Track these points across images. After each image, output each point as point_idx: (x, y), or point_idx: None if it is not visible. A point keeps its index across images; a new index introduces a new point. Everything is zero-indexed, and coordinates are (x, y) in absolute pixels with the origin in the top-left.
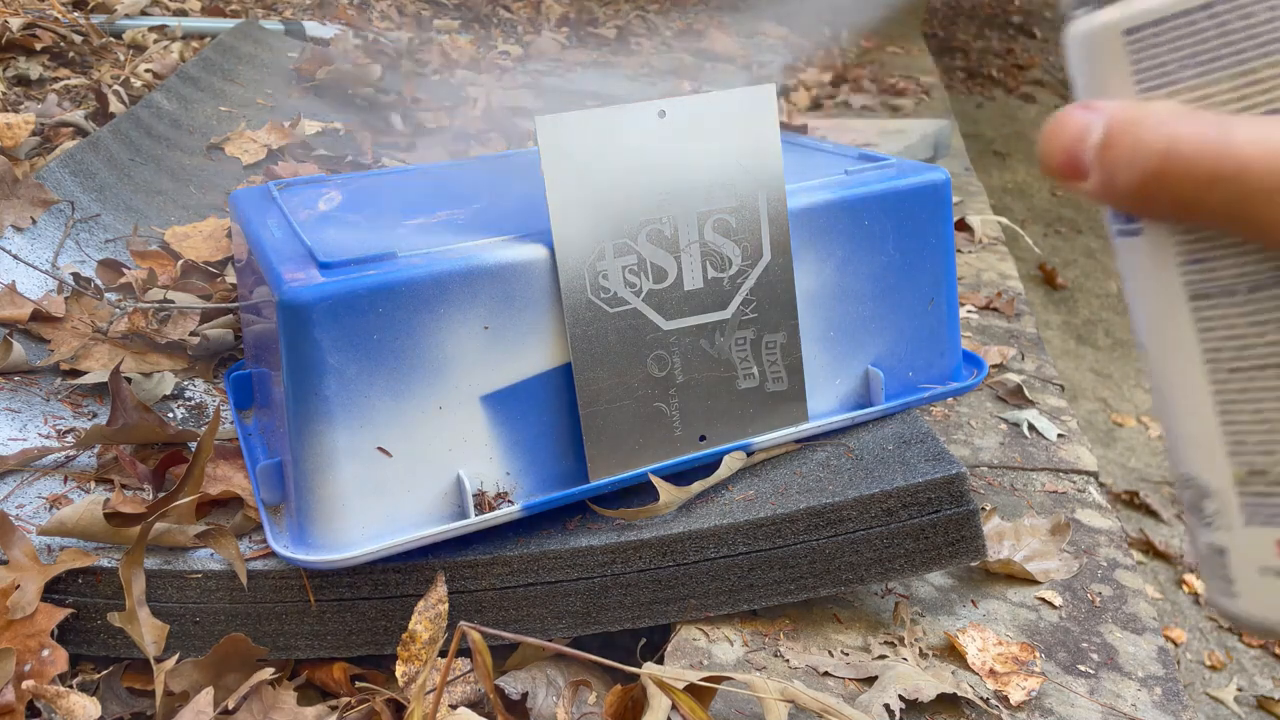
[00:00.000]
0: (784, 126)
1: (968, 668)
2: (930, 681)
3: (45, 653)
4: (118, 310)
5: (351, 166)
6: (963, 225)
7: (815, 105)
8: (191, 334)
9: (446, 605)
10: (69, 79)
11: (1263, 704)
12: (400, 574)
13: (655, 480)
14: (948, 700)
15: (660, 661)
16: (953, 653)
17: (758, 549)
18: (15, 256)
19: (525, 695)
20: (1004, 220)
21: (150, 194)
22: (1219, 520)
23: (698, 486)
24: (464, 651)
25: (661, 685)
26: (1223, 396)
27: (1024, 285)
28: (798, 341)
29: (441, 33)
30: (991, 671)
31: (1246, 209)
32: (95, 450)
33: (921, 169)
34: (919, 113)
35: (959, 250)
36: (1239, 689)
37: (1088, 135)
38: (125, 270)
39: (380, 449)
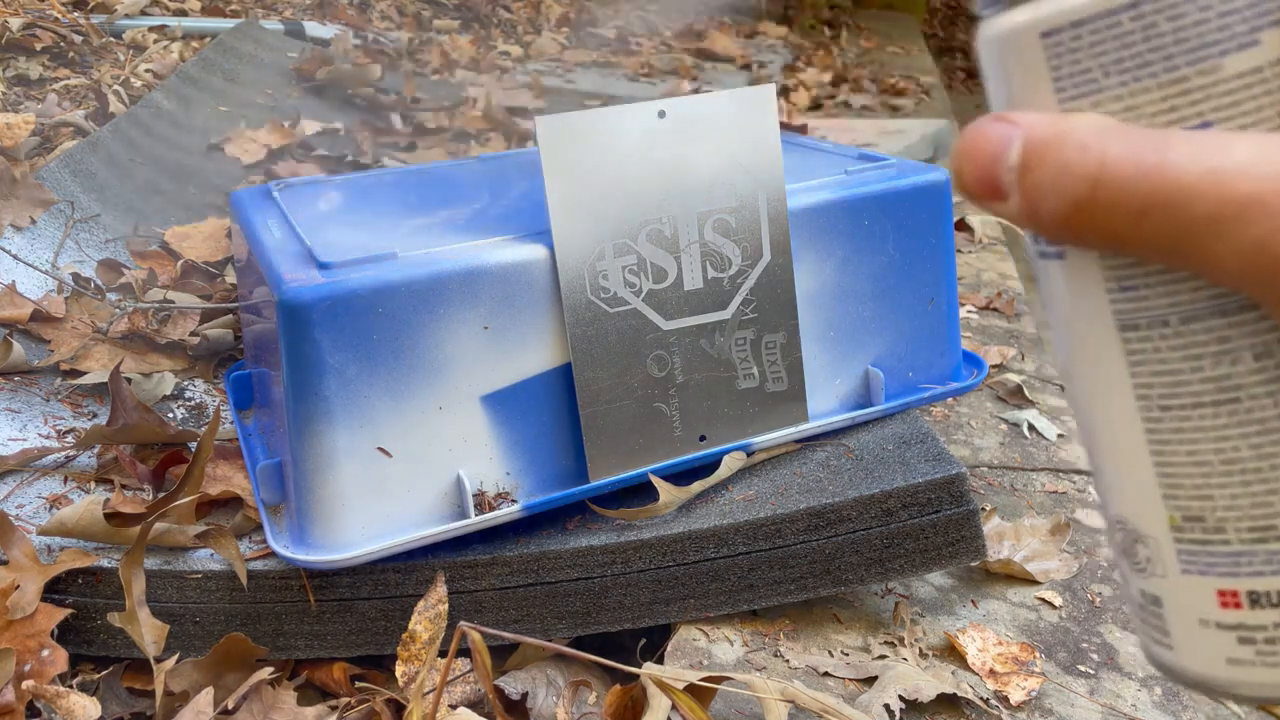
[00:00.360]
0: (784, 126)
1: (968, 668)
2: (930, 682)
3: (45, 653)
4: (118, 310)
5: (351, 166)
6: (963, 225)
7: (815, 105)
8: (191, 334)
9: (446, 605)
10: (69, 79)
11: (1263, 704)
12: (400, 574)
13: (655, 480)
14: (948, 700)
15: (660, 661)
16: (953, 653)
17: (758, 549)
18: (15, 257)
19: (525, 695)
20: (1004, 220)
21: (150, 194)
22: (1153, 568)
23: (698, 486)
24: (464, 651)
25: (661, 685)
26: (1155, 436)
27: (1024, 285)
28: (798, 341)
29: (441, 33)
30: (991, 671)
31: (1185, 241)
32: (95, 450)
33: (921, 169)
34: (919, 113)
35: (959, 250)
36: None
37: (1005, 153)
38: (125, 270)
39: (380, 449)
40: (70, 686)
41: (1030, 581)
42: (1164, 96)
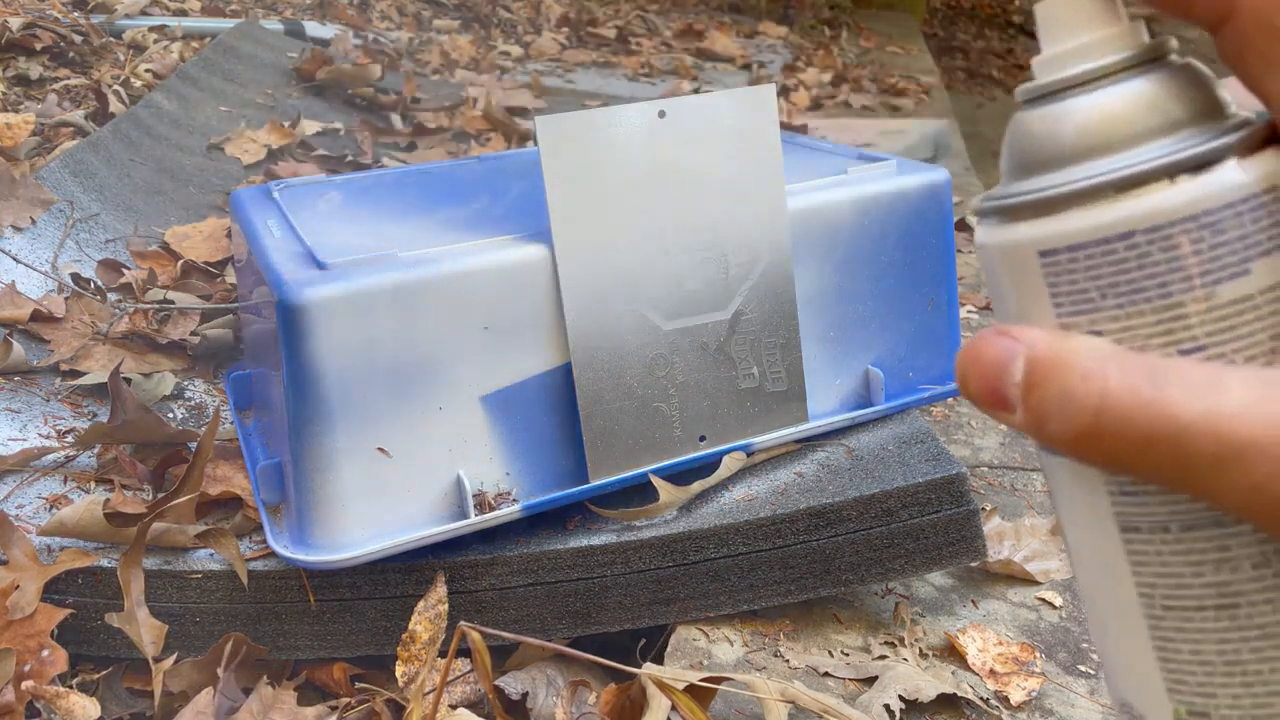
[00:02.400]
0: (784, 126)
1: (968, 668)
2: (930, 682)
3: (45, 653)
4: (118, 310)
5: (351, 166)
6: (963, 225)
7: (815, 105)
8: (191, 334)
9: (446, 605)
10: (69, 79)
11: None
12: (400, 574)
13: (655, 480)
14: (948, 700)
15: (660, 661)
16: (953, 653)
17: (758, 549)
18: (15, 258)
19: (525, 695)
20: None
21: (150, 194)
22: None
23: (698, 486)
24: (464, 651)
25: (661, 686)
26: (1158, 633)
27: None
28: (798, 341)
29: (441, 33)
30: (991, 672)
31: (1187, 474)
32: (95, 450)
33: (921, 169)
34: (919, 113)
35: (959, 250)
36: None
37: (1009, 369)
38: (125, 270)
39: (380, 449)
40: (70, 686)
41: (1030, 581)
42: (1159, 320)
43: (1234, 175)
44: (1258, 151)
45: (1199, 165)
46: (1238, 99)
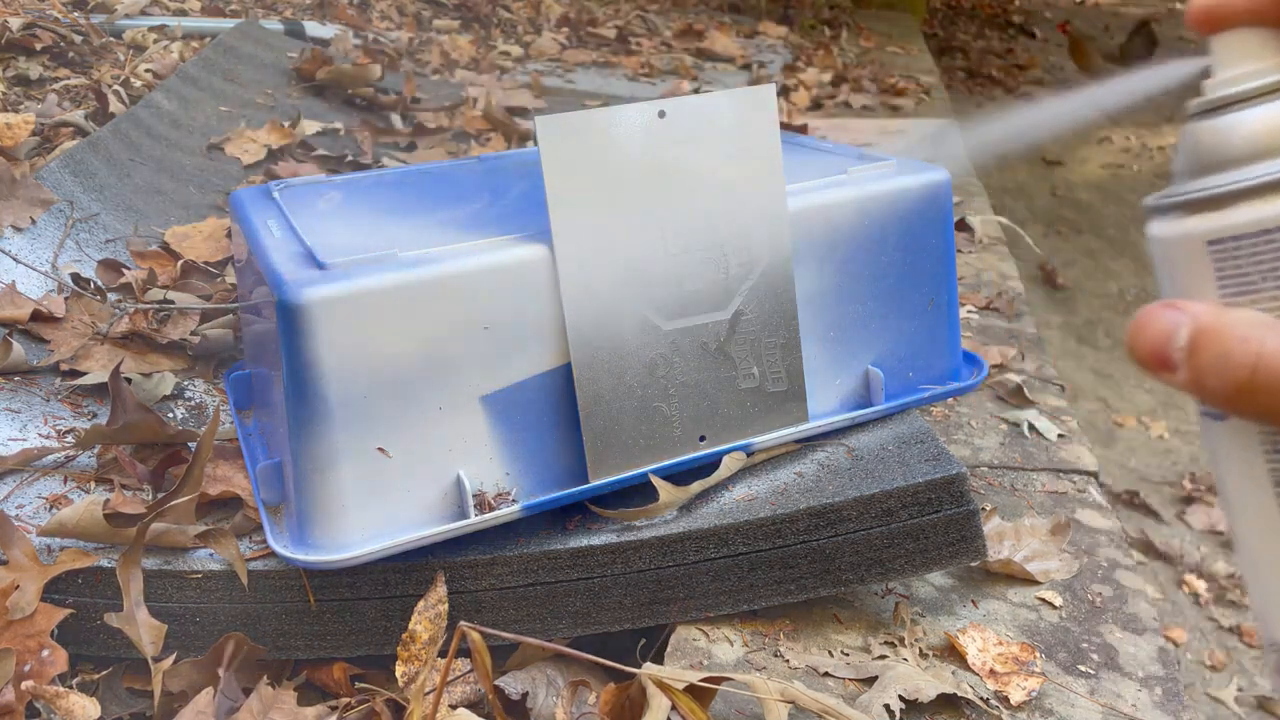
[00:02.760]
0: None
1: (968, 668)
2: (930, 682)
3: (45, 653)
4: (118, 310)
5: (351, 166)
6: (963, 225)
7: (815, 105)
8: (191, 334)
9: (446, 605)
10: (69, 79)
11: (1263, 704)
12: (400, 574)
13: (655, 480)
14: (948, 700)
15: (660, 661)
16: (953, 653)
17: (758, 549)
18: (15, 258)
19: (525, 695)
20: (1004, 220)
21: (150, 194)
22: None
23: (698, 486)
24: (464, 651)
25: (661, 686)
26: None
27: (1024, 285)
28: (798, 341)
29: (441, 33)
30: (991, 672)
31: None
32: (95, 450)
33: (922, 169)
34: (919, 113)
35: (959, 250)
36: (1239, 689)
37: (1174, 335)
38: (125, 270)
39: (380, 449)
40: (70, 686)
41: (1030, 581)
42: None
43: None
44: None
45: None
46: None
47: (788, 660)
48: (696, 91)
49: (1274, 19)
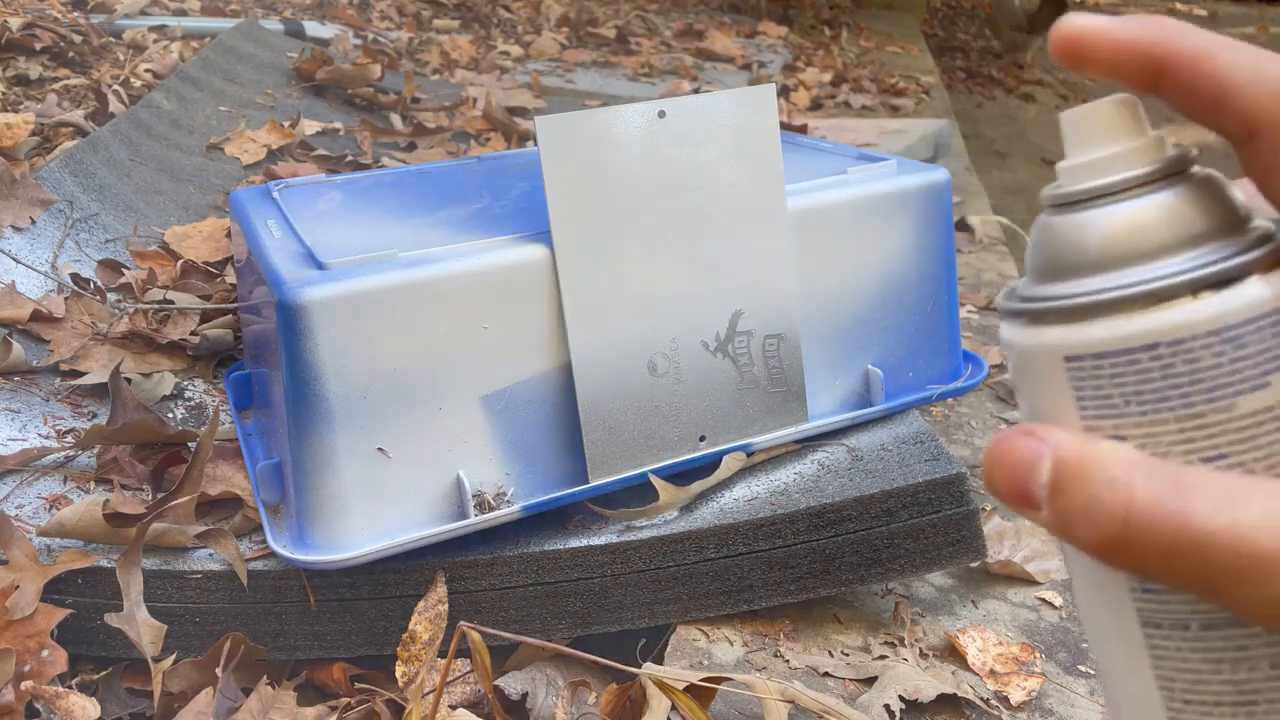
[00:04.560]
0: (784, 126)
1: (968, 668)
2: (930, 682)
3: (45, 653)
4: (117, 310)
5: (351, 166)
6: (963, 225)
7: (815, 105)
8: (191, 334)
9: (446, 605)
10: (69, 79)
11: None
12: (400, 574)
13: (655, 480)
14: (948, 700)
15: (660, 661)
16: (953, 653)
17: (758, 549)
18: (15, 258)
19: (525, 695)
20: (1004, 220)
21: (150, 194)
22: None
23: (698, 487)
24: (464, 651)
25: (661, 686)
26: None
27: None
28: (798, 341)
29: (441, 33)
30: (992, 672)
31: (1210, 584)
32: (95, 450)
33: (921, 169)
34: (919, 113)
35: (959, 250)
36: None
37: (1035, 470)
38: (125, 270)
39: (380, 449)
40: (70, 687)
41: (1030, 581)
42: (1181, 429)
43: (1256, 291)
44: (1278, 268)
45: (1222, 281)
46: (1249, 197)
47: (788, 660)
48: (696, 91)
49: (1144, 74)
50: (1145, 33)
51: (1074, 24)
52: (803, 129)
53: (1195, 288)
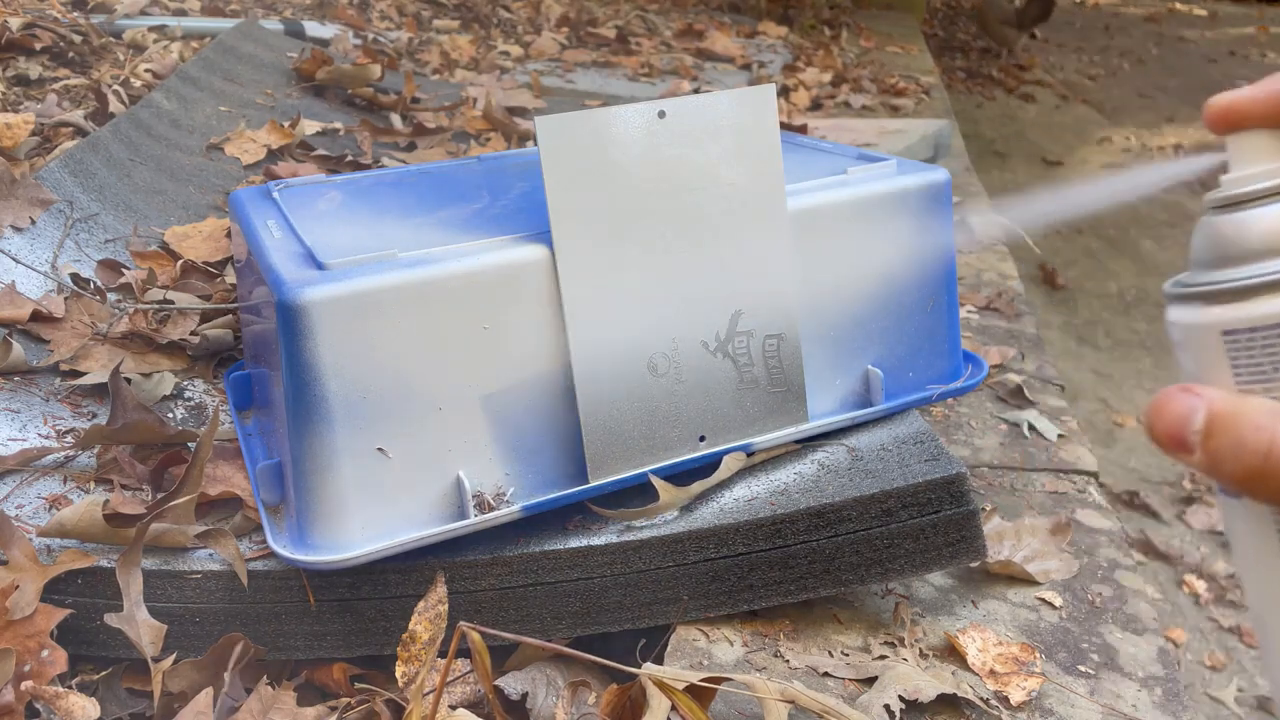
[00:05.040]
0: (784, 126)
1: (968, 668)
2: (930, 682)
3: (45, 653)
4: (117, 310)
5: (351, 166)
6: (963, 225)
7: (815, 105)
8: (191, 334)
9: (446, 606)
10: (69, 79)
11: (1263, 704)
12: (400, 574)
13: (655, 481)
14: (948, 701)
15: (660, 661)
16: (953, 653)
17: (758, 549)
18: (14, 258)
19: (525, 695)
20: (1004, 220)
21: (150, 194)
22: None
23: (698, 487)
24: (464, 651)
25: (661, 686)
26: None
27: (1024, 285)
28: (798, 341)
29: (441, 33)
30: (991, 672)
31: None
32: (95, 450)
33: (921, 169)
34: (919, 113)
35: (959, 250)
36: (1239, 689)
37: (1191, 419)
38: (125, 270)
39: (380, 449)
40: (70, 687)
41: (1030, 581)
42: None
43: None
44: None
45: None
46: None
47: (788, 660)
48: (696, 91)
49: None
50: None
51: (1224, 98)
52: (803, 129)
53: None
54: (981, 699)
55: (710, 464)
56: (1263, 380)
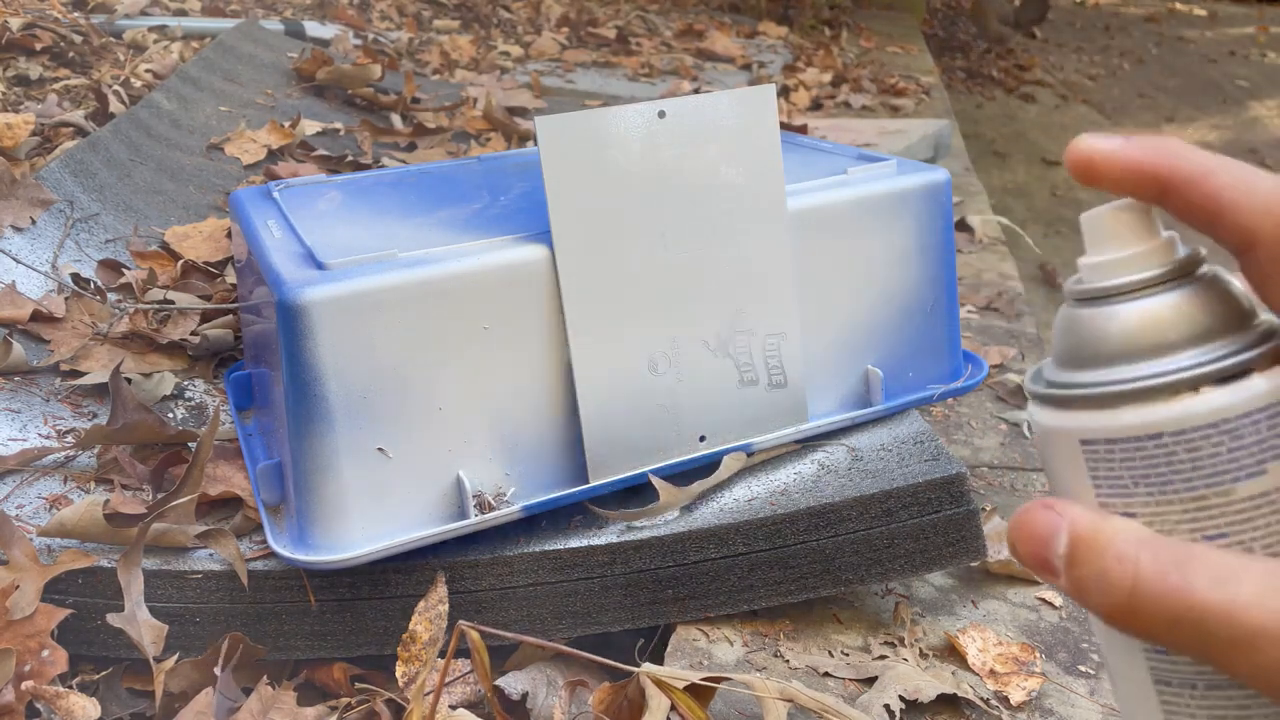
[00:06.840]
0: (784, 126)
1: (968, 668)
2: (930, 682)
3: (45, 653)
4: (118, 310)
5: (351, 166)
6: (963, 225)
7: (815, 105)
8: (191, 334)
9: (446, 605)
10: (69, 79)
11: None
12: (400, 574)
13: (655, 481)
14: (948, 700)
15: (660, 661)
16: (953, 653)
17: (758, 549)
18: (15, 258)
19: (525, 695)
20: (1004, 220)
21: (150, 194)
22: None
23: (698, 487)
24: (464, 651)
25: (661, 685)
26: None
27: (1024, 285)
28: (798, 341)
29: (441, 33)
30: (992, 672)
31: (1209, 652)
32: (95, 450)
33: (921, 169)
34: (919, 113)
35: (959, 250)
36: None
37: (1053, 542)
38: (125, 270)
39: (380, 449)
40: (70, 687)
41: (1030, 582)
42: (1185, 510)
43: (1255, 387)
44: (1277, 364)
45: (1223, 378)
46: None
47: (788, 660)
48: (696, 91)
49: (1149, 192)
50: (1149, 156)
51: (1086, 146)
52: (803, 129)
53: (1197, 383)
54: (981, 699)
55: (710, 464)
56: (1123, 495)
